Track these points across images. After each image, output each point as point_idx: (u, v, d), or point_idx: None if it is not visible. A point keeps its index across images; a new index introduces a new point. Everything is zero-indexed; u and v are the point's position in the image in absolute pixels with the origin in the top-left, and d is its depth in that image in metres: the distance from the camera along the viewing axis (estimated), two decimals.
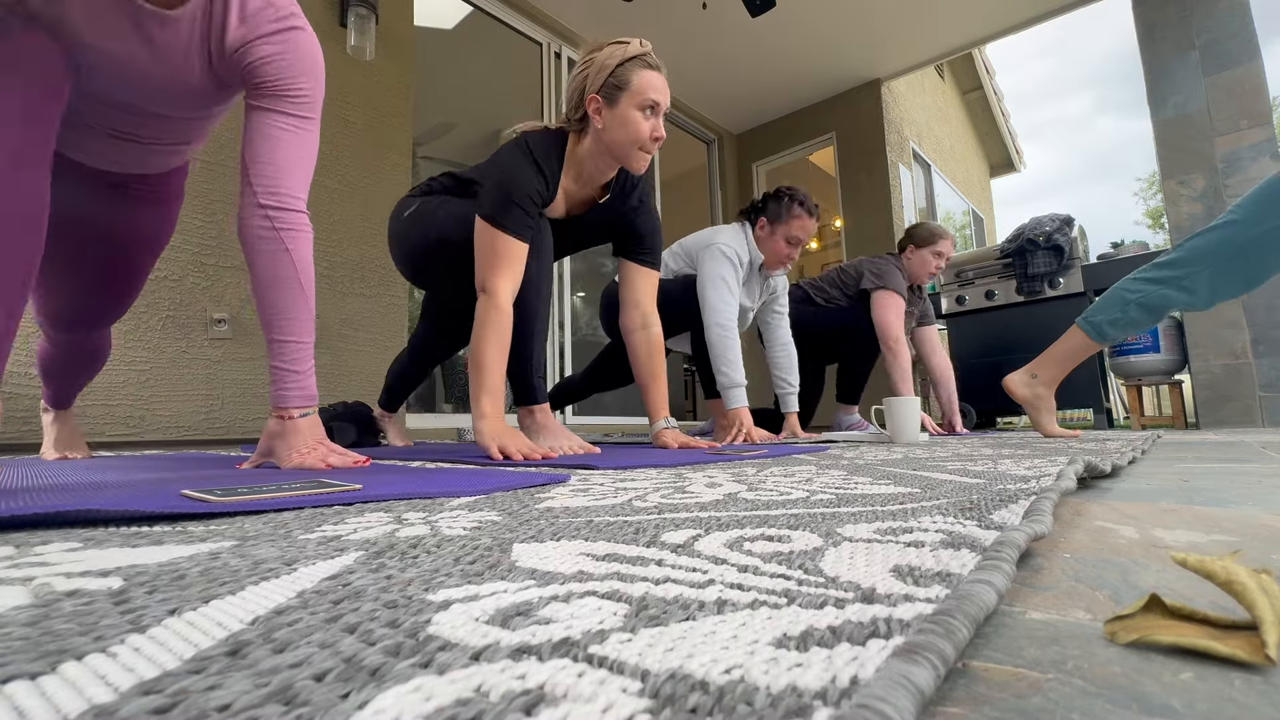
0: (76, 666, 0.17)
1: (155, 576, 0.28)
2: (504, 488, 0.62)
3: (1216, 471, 0.76)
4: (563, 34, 3.52)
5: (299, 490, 0.56)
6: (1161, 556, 0.32)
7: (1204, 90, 2.75)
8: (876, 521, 0.39)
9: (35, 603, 0.24)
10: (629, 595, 0.24)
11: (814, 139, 4.43)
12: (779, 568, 0.28)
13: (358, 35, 2.36)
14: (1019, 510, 0.40)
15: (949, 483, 0.60)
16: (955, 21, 3.64)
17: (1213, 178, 2.70)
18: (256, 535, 0.38)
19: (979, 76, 6.11)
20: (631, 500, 0.52)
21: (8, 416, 1.60)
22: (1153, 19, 2.90)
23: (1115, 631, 0.20)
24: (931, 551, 0.30)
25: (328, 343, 2.24)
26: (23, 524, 0.42)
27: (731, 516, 0.43)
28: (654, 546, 0.33)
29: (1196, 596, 0.25)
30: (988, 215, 6.47)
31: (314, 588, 0.25)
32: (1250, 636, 0.19)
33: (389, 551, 0.33)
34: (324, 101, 0.96)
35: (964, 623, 0.19)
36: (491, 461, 1.02)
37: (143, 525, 0.43)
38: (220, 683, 0.16)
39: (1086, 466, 0.66)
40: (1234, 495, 0.55)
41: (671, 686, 0.15)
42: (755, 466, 0.89)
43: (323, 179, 2.28)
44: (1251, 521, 0.42)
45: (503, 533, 0.38)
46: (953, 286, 3.31)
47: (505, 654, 0.17)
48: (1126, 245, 2.94)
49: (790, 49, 3.82)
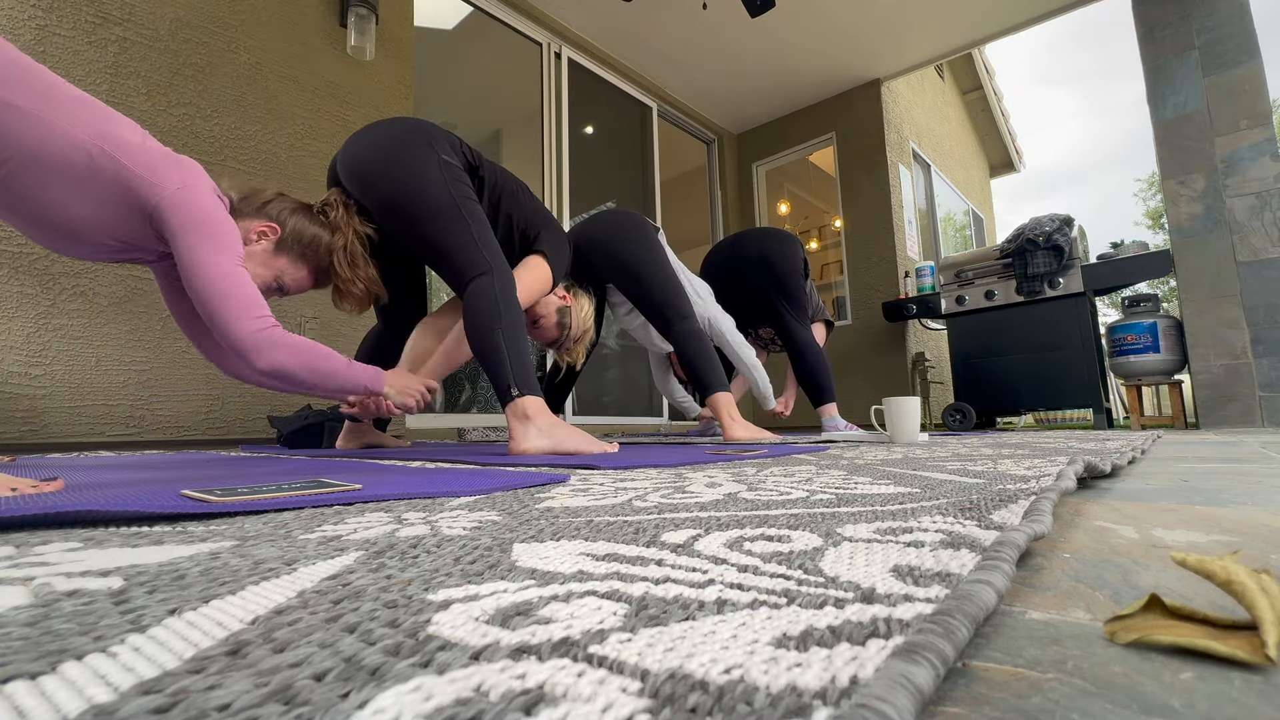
0: (76, 666, 0.17)
1: (155, 576, 0.28)
2: (504, 488, 0.62)
3: (1216, 471, 0.76)
4: (563, 34, 3.52)
5: (299, 490, 0.56)
6: (1161, 556, 0.32)
7: (1204, 90, 2.75)
8: (876, 521, 0.39)
9: (35, 603, 0.24)
10: (629, 595, 0.24)
11: (814, 139, 4.43)
12: (779, 568, 0.28)
13: (358, 35, 2.36)
14: (1019, 510, 0.40)
15: (949, 483, 0.60)
16: (955, 21, 3.64)
17: (1213, 178, 2.70)
18: (256, 535, 0.38)
19: (979, 76, 6.10)
20: (631, 500, 0.52)
21: (7, 416, 1.60)
22: (1153, 19, 2.90)
23: (1115, 631, 0.20)
24: (931, 551, 0.30)
25: (328, 343, 2.24)
26: (23, 524, 0.42)
27: (731, 516, 0.43)
28: (654, 546, 0.33)
29: (1196, 596, 0.25)
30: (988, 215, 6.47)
31: (314, 587, 0.25)
32: (1250, 636, 0.19)
33: (389, 551, 0.33)
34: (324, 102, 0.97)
35: (964, 623, 0.19)
36: (491, 462, 1.02)
37: (143, 525, 0.43)
38: (220, 682, 0.16)
39: (1086, 466, 0.66)
40: (1234, 495, 0.55)
41: (671, 686, 0.15)
42: (755, 466, 0.89)
43: (323, 179, 2.28)
44: (1251, 521, 0.42)
45: (503, 532, 0.38)
46: (953, 286, 3.31)
47: (505, 654, 0.17)
48: (1126, 245, 2.94)
49: (790, 49, 3.82)
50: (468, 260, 1.30)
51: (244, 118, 2.09)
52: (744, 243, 2.48)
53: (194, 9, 2.02)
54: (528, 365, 1.24)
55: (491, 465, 0.96)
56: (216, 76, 2.04)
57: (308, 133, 2.24)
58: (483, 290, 1.28)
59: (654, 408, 4.12)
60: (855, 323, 4.05)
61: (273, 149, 2.15)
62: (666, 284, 1.88)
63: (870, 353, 3.97)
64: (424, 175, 1.31)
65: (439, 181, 1.31)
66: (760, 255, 2.41)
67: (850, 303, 4.13)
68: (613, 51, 3.79)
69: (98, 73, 1.80)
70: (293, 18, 2.26)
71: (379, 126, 1.37)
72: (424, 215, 1.30)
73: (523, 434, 1.18)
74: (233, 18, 2.10)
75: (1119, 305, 2.98)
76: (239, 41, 2.11)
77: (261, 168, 2.11)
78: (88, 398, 1.73)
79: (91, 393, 1.73)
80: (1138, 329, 2.82)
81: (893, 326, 3.89)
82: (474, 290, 1.28)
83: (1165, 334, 2.77)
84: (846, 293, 4.17)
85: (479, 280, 1.29)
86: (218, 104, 2.03)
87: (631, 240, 1.90)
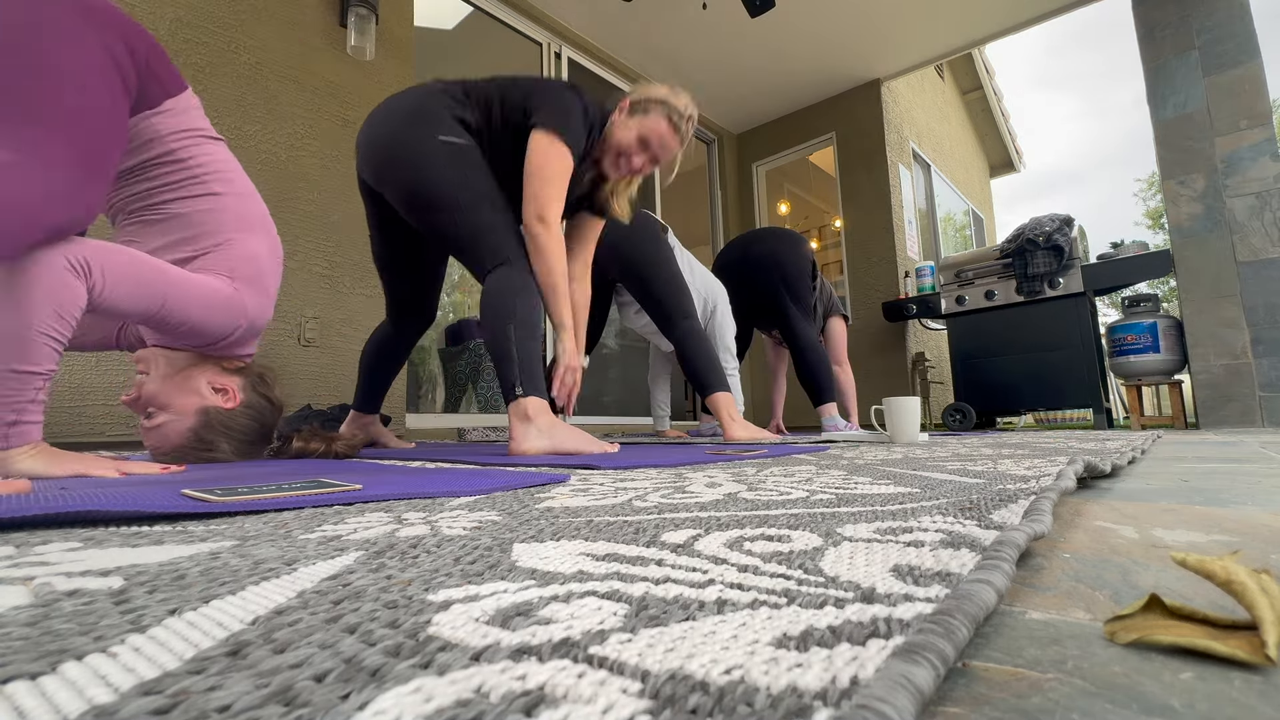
0: (77, 666, 0.17)
1: (155, 576, 0.28)
2: (504, 488, 0.62)
3: (1216, 471, 0.76)
4: (563, 34, 3.52)
5: (299, 490, 0.56)
6: (1161, 556, 0.32)
7: (1204, 90, 2.75)
8: (876, 521, 0.39)
9: (35, 603, 0.24)
10: (629, 595, 0.24)
11: (814, 139, 4.42)
12: (779, 568, 0.28)
13: (358, 35, 2.36)
14: (1019, 510, 0.40)
15: (949, 483, 0.60)
16: (955, 21, 3.64)
17: (1213, 178, 2.70)
18: (256, 535, 0.38)
19: (979, 76, 6.10)
20: (631, 500, 0.52)
21: None
22: (1153, 19, 2.90)
23: (1115, 631, 0.20)
24: (931, 551, 0.30)
25: (327, 343, 2.25)
26: (23, 524, 0.42)
27: (731, 516, 0.43)
28: (654, 546, 0.33)
29: (1196, 596, 0.25)
30: (988, 215, 6.47)
31: (314, 588, 0.25)
32: (1250, 636, 0.19)
33: (389, 551, 0.33)
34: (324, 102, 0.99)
35: (964, 623, 0.19)
36: (491, 462, 1.02)
37: (143, 525, 0.43)
38: (220, 683, 0.16)
39: (1086, 466, 0.66)
40: (1234, 495, 0.55)
41: (671, 687, 0.15)
42: (755, 466, 0.89)
43: (323, 179, 2.28)
44: (1251, 521, 0.42)
45: (503, 533, 0.38)
46: (953, 286, 3.31)
47: (505, 654, 0.17)
48: (1126, 245, 2.94)
49: (790, 49, 3.82)
50: (487, 250, 1.29)
51: (244, 118, 2.09)
52: (754, 243, 2.51)
53: (194, 9, 2.01)
54: (535, 367, 1.24)
55: (491, 465, 0.96)
56: (216, 76, 2.04)
57: (308, 133, 2.24)
58: (501, 282, 1.27)
59: None
60: (855, 323, 4.05)
61: (273, 149, 2.15)
62: (671, 284, 1.89)
63: (870, 353, 3.97)
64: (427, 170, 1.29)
65: (443, 173, 1.29)
66: (770, 255, 2.43)
67: (850, 303, 4.13)
68: (613, 51, 3.79)
69: None
70: (293, 18, 2.26)
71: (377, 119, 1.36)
72: (435, 207, 1.30)
73: (523, 434, 1.18)
74: (233, 18, 2.10)
75: (1119, 305, 2.98)
76: (239, 41, 2.11)
77: (261, 168, 2.11)
78: (88, 398, 1.73)
79: (91, 393, 1.73)
80: (1138, 329, 2.82)
81: (893, 326, 3.89)
82: (493, 280, 1.28)
83: (1165, 334, 2.77)
84: (846, 293, 4.17)
85: (498, 270, 1.28)
86: (218, 104, 2.03)
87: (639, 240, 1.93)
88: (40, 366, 0.83)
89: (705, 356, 1.83)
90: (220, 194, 1.13)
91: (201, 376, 1.11)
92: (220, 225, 1.12)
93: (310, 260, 2.22)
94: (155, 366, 1.09)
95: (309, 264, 2.21)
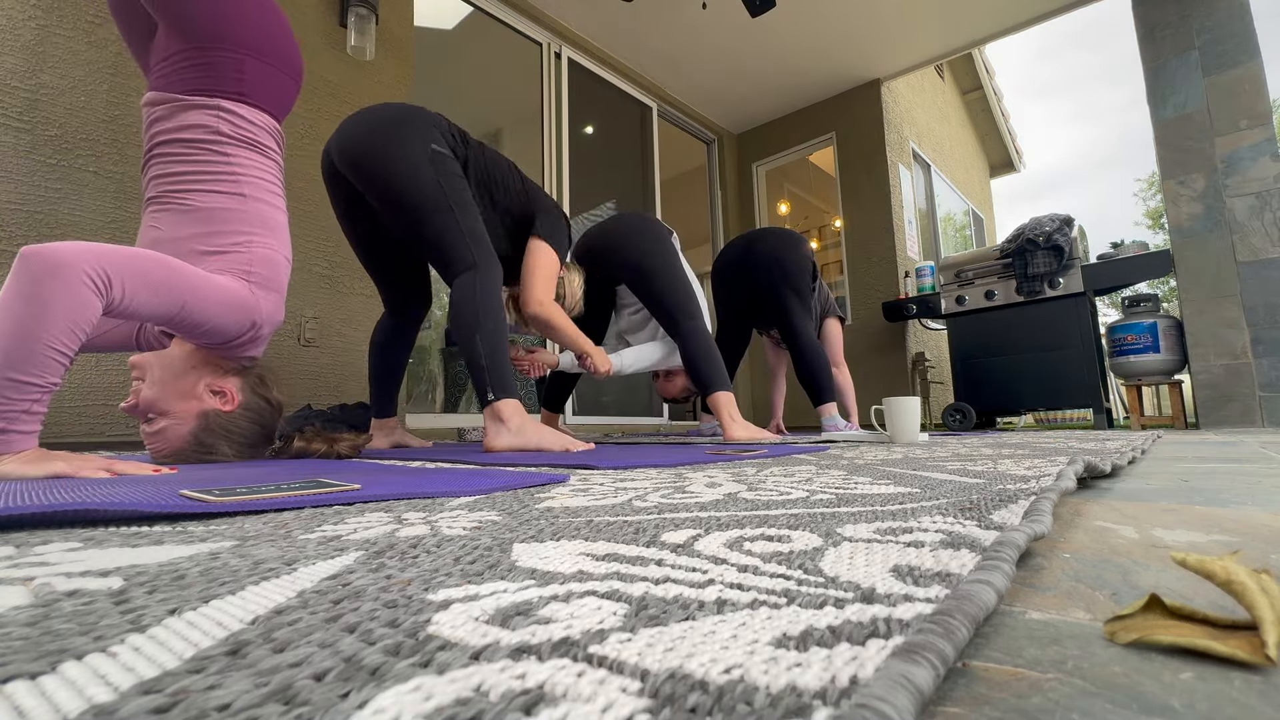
0: (76, 666, 0.17)
1: (155, 576, 0.28)
2: (504, 488, 0.62)
3: (1216, 471, 0.76)
4: (563, 34, 3.52)
5: (298, 490, 0.56)
6: (1161, 556, 0.32)
7: (1204, 90, 2.75)
8: (876, 521, 0.39)
9: (35, 603, 0.24)
10: (629, 595, 0.24)
11: (814, 139, 4.42)
12: (779, 568, 0.28)
13: (358, 35, 2.36)
14: (1019, 510, 0.40)
15: (949, 483, 0.60)
16: (955, 21, 3.64)
17: (1213, 178, 2.70)
18: (256, 535, 0.38)
19: (979, 76, 6.10)
20: (631, 500, 0.52)
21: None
22: (1153, 19, 2.90)
23: (1115, 631, 0.20)
24: (931, 551, 0.30)
25: (327, 343, 2.25)
26: (23, 524, 0.42)
27: (731, 516, 0.43)
28: (654, 546, 0.33)
29: (1196, 596, 0.25)
30: (988, 215, 6.47)
31: (314, 587, 0.25)
32: (1250, 636, 0.19)
33: (389, 551, 0.33)
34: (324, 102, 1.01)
35: (964, 623, 0.19)
36: (491, 462, 1.03)
37: (143, 525, 0.43)
38: (220, 682, 0.16)
39: (1086, 466, 0.66)
40: (1234, 495, 0.55)
41: (671, 686, 0.15)
42: (755, 466, 0.89)
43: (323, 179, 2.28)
44: (1251, 521, 0.42)
45: (503, 532, 0.38)
46: (953, 286, 3.31)
47: (505, 654, 0.17)
48: (1126, 245, 2.94)
49: (790, 49, 3.82)
50: (455, 255, 1.35)
51: None
52: (756, 241, 2.51)
53: None
54: (504, 370, 1.32)
55: (491, 465, 0.96)
56: None
57: (308, 133, 2.24)
58: (465, 289, 1.33)
59: (654, 408, 4.12)
60: (855, 323, 4.05)
61: None
62: (677, 285, 1.93)
63: (870, 353, 3.97)
64: (414, 168, 1.34)
65: (429, 174, 1.35)
66: (772, 254, 2.43)
67: (850, 303, 4.13)
68: (613, 51, 3.79)
69: (98, 73, 1.80)
70: (292, 17, 2.26)
71: (370, 114, 1.40)
72: (413, 207, 1.34)
73: (495, 434, 1.29)
74: None
75: (1119, 305, 2.98)
76: None
77: None
78: (88, 398, 1.72)
79: (91, 393, 1.73)
80: (1138, 329, 2.82)
81: (893, 326, 3.89)
82: (458, 287, 1.34)
83: (1165, 334, 2.77)
84: (846, 293, 4.17)
85: (464, 276, 1.34)
86: None
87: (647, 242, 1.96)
88: (40, 378, 0.82)
89: (708, 356, 1.85)
90: (247, 196, 1.17)
91: (199, 380, 1.11)
92: (242, 224, 1.15)
93: (310, 260, 2.22)
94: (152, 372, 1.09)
95: (309, 264, 2.21)
